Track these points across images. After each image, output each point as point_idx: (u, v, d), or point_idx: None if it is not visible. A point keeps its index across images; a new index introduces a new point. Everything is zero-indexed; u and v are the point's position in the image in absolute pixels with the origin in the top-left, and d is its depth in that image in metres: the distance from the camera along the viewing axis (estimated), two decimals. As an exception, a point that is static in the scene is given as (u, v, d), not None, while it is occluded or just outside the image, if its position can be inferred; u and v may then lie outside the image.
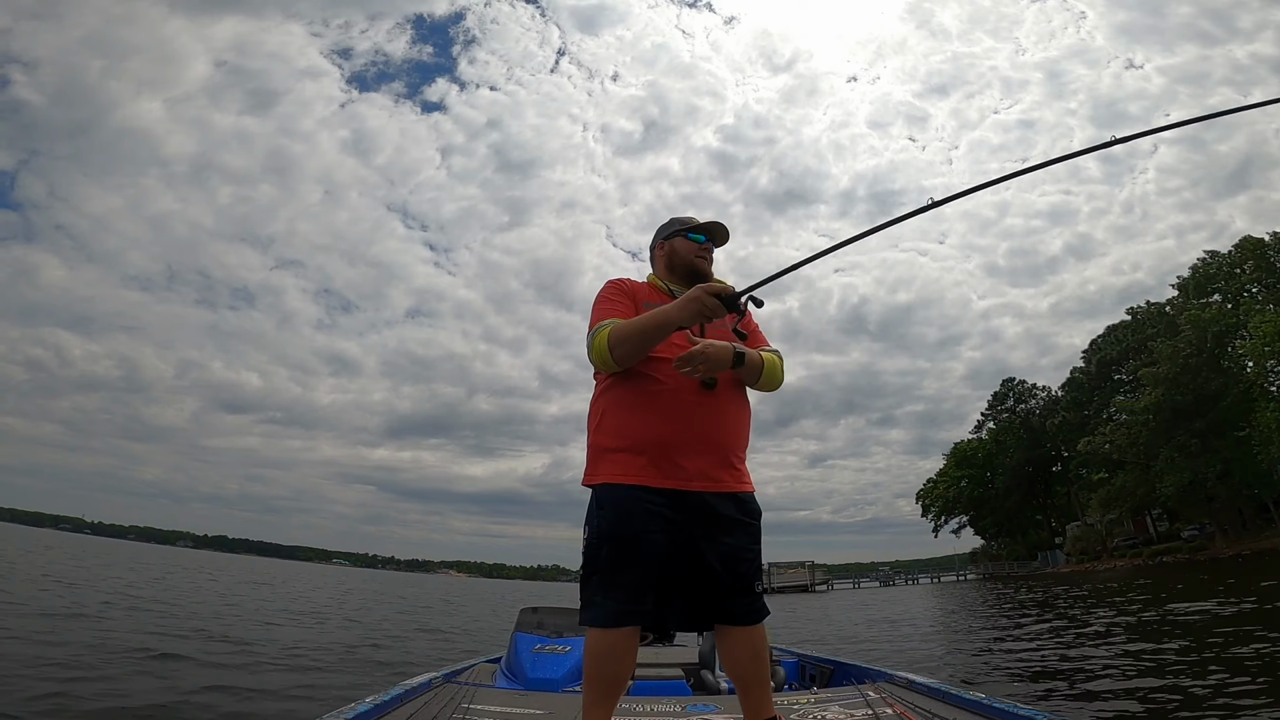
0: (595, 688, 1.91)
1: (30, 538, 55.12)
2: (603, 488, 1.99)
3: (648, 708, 2.87)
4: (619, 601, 1.89)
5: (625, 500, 1.94)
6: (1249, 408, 30.29)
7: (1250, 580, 15.18)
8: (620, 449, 1.99)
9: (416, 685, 3.02)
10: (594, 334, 2.02)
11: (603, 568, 1.92)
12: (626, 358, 1.99)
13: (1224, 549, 33.10)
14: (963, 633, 12.45)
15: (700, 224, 2.29)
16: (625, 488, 1.95)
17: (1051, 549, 54.30)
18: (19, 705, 4.23)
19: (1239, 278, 36.77)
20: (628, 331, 1.97)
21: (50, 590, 12.22)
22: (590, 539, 1.97)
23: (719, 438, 2.03)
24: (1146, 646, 7.47)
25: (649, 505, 1.92)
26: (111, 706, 4.53)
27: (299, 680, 6.10)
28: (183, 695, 4.98)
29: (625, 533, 1.91)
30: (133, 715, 4.44)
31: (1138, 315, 46.93)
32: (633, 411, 2.01)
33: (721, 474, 2.01)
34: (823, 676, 4.23)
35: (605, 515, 1.95)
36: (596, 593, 1.92)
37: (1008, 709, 2.33)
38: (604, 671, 1.90)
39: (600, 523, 1.96)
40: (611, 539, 1.92)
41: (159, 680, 5.42)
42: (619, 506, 1.94)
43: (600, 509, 1.97)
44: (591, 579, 1.94)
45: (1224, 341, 33.42)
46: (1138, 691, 5.23)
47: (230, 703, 4.97)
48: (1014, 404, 61.46)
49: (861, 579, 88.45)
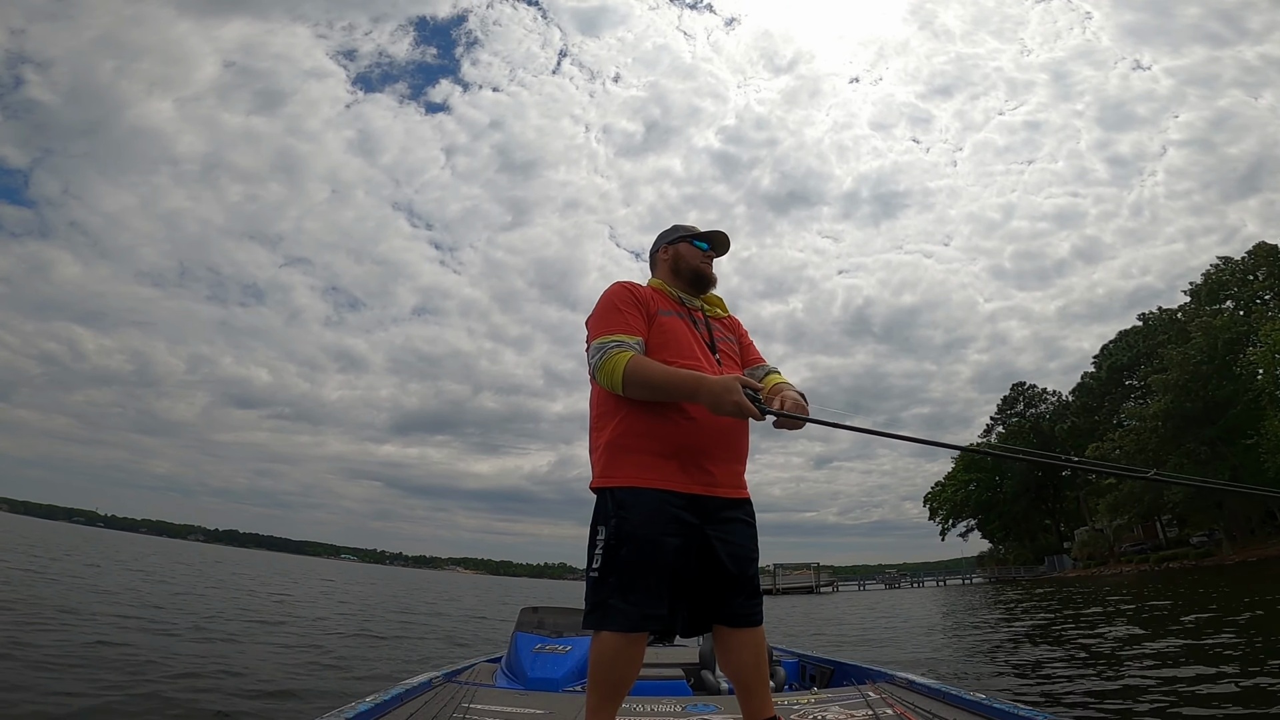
0: (602, 691, 1.86)
1: (56, 532, 55.45)
2: (625, 490, 1.92)
3: (648, 708, 2.87)
4: (638, 605, 1.83)
5: (651, 503, 1.89)
6: (1259, 416, 30.01)
7: (1248, 588, 15.15)
8: (646, 450, 1.94)
9: (416, 685, 3.01)
10: (608, 355, 1.93)
11: (621, 571, 1.86)
12: (637, 396, 1.94)
13: (1231, 555, 32.82)
14: (964, 634, 12.45)
15: (704, 232, 2.29)
16: (650, 491, 1.90)
17: (1059, 553, 53.97)
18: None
19: (1252, 284, 36.45)
20: (650, 380, 1.90)
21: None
22: (609, 540, 1.89)
23: (741, 446, 2.06)
24: (1146, 647, 7.49)
25: (673, 509, 1.89)
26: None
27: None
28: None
29: (648, 536, 1.86)
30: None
31: (1149, 321, 46.60)
32: (664, 413, 1.95)
33: (740, 480, 2.05)
34: (823, 677, 4.22)
35: (628, 518, 1.88)
36: (613, 595, 1.85)
37: (1008, 709, 2.33)
38: (614, 676, 1.86)
39: (621, 525, 1.88)
40: (633, 542, 1.86)
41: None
42: (643, 509, 1.88)
43: (621, 510, 1.90)
44: (607, 581, 1.87)
45: (1235, 349, 33.07)
46: (1138, 691, 5.28)
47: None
48: (1024, 408, 61.16)
49: (867, 581, 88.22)
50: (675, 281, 2.25)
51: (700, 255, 2.26)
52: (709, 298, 2.30)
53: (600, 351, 1.96)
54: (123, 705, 4.48)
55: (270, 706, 4.94)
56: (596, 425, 2.06)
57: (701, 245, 2.27)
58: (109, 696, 4.60)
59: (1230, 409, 32.61)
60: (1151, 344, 42.56)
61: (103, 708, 4.36)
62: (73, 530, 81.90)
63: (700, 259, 2.25)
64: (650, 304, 2.09)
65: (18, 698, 4.26)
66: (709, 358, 2.09)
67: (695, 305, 2.24)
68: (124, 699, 4.60)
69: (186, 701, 4.75)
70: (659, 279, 2.28)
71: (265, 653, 7.26)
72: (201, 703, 4.78)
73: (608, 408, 2.02)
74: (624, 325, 2.01)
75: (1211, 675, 5.59)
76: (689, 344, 2.07)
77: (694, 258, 2.25)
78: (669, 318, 2.10)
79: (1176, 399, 34.29)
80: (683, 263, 2.25)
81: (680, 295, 2.21)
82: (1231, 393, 32.47)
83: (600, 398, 2.06)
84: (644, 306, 2.07)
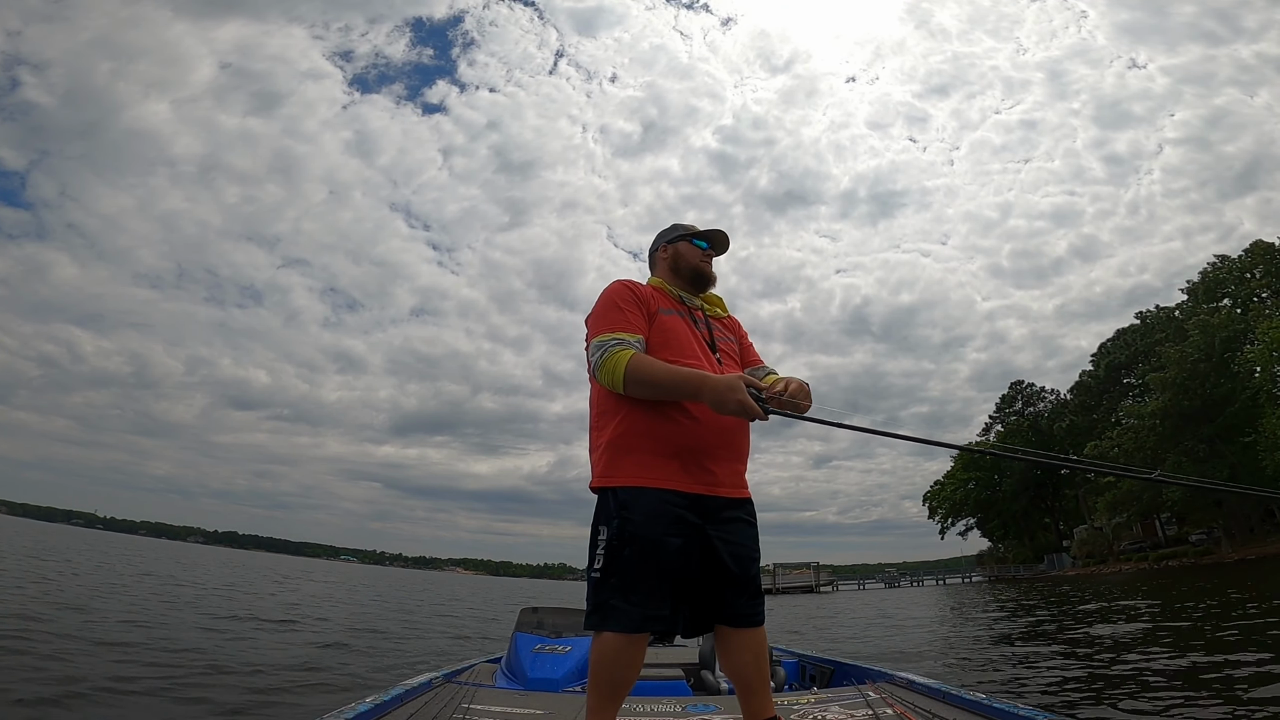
0: (602, 692, 1.85)
1: (51, 534, 55.41)
2: (627, 490, 1.90)
3: (648, 708, 2.87)
4: (640, 606, 1.82)
5: (654, 504, 1.88)
6: (1256, 413, 30.10)
7: (1245, 586, 15.18)
8: (648, 450, 1.92)
9: (416, 685, 3.02)
10: (609, 353, 1.91)
11: (624, 571, 1.84)
12: (639, 394, 1.92)
13: (1230, 553, 32.94)
14: (963, 633, 12.47)
15: (703, 231, 2.28)
16: (653, 491, 1.89)
17: (1058, 552, 54.07)
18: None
19: (1249, 282, 36.56)
20: (653, 378, 1.88)
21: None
22: (610, 540, 1.87)
23: (742, 445, 2.05)
24: (1146, 645, 7.47)
25: (675, 509, 1.88)
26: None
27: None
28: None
29: (651, 536, 1.85)
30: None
31: (1146, 320, 46.70)
32: (665, 413, 1.93)
33: (741, 479, 2.05)
34: (823, 677, 4.22)
35: (630, 518, 1.86)
36: (615, 596, 1.83)
37: (1008, 709, 2.33)
38: (614, 677, 1.85)
39: (623, 525, 1.86)
40: (636, 542, 1.85)
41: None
42: (646, 510, 1.87)
43: (624, 510, 1.88)
44: (609, 582, 1.85)
45: (1233, 347, 33.21)
46: (1138, 692, 5.27)
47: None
48: (1022, 406, 61.35)
49: (867, 580, 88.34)
50: (675, 280, 2.24)
51: (700, 254, 2.25)
52: (709, 297, 2.29)
53: (601, 349, 1.94)
54: (122, 704, 4.48)
55: (270, 706, 4.94)
56: (597, 425, 2.04)
57: (701, 244, 2.26)
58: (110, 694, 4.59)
59: (1228, 407, 32.74)
60: (1149, 342, 42.61)
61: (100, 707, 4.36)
62: (73, 533, 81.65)
63: (700, 258, 2.24)
64: (651, 302, 2.08)
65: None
66: (709, 357, 2.08)
67: (695, 304, 2.23)
68: (124, 698, 4.59)
69: (187, 701, 4.75)
70: (658, 278, 2.26)
71: (266, 652, 7.26)
72: (202, 702, 4.78)
73: (608, 407, 2.00)
74: (625, 323, 1.99)
75: (1211, 675, 5.60)
76: (690, 343, 2.06)
77: (693, 256, 2.24)
78: (669, 316, 2.09)
79: (1174, 397, 34.38)
80: (682, 261, 2.24)
81: (680, 294, 2.20)
82: (1229, 390, 32.59)
83: (600, 397, 2.04)
84: (645, 305, 2.06)
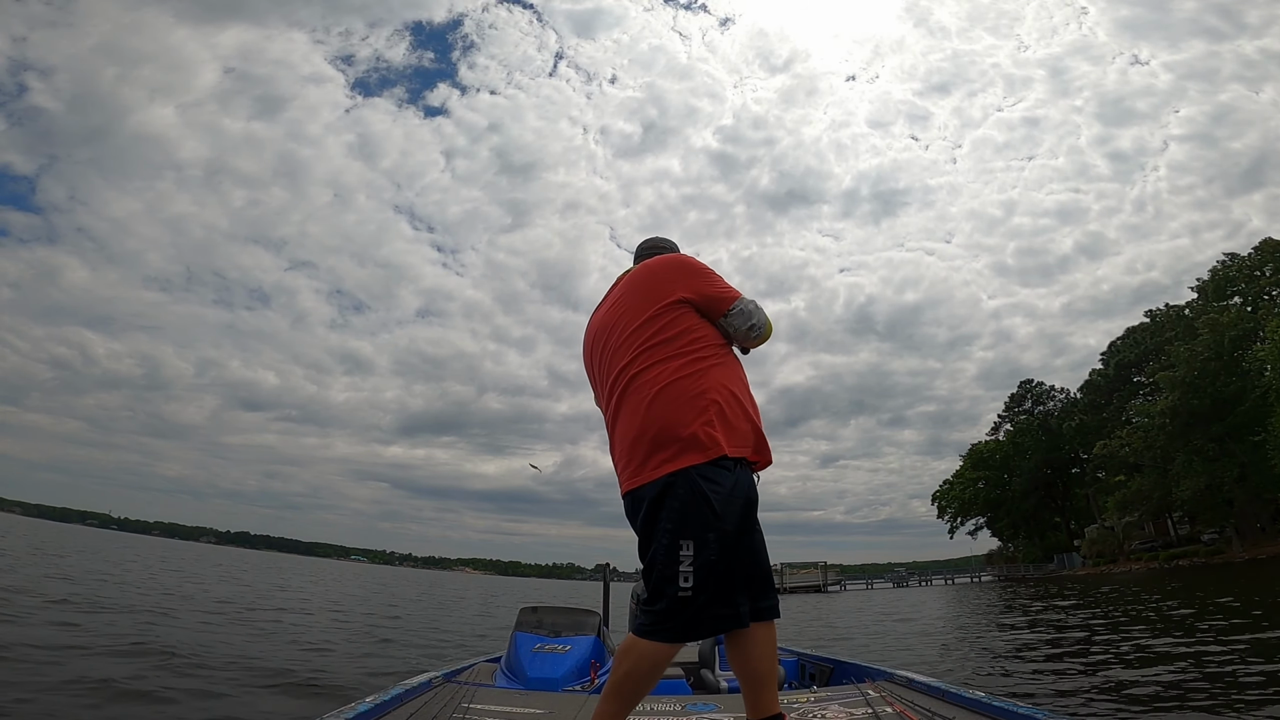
0: (626, 699, 1.73)
1: (82, 537, 55.71)
2: (730, 460, 1.75)
3: (648, 707, 2.86)
4: (733, 606, 1.72)
5: (748, 481, 1.81)
6: (1266, 412, 29.90)
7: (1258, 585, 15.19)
8: (737, 425, 1.82)
9: (416, 685, 3.01)
10: (764, 315, 1.99)
11: (719, 580, 1.70)
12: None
13: (1241, 553, 32.71)
14: (966, 632, 12.53)
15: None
16: (747, 466, 1.83)
17: (1069, 551, 53.79)
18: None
19: (1259, 280, 36.30)
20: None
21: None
22: (704, 553, 1.68)
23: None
24: (1147, 645, 7.58)
25: (754, 493, 1.84)
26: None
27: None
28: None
29: (749, 517, 1.78)
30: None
31: (1156, 318, 46.45)
32: (743, 388, 1.92)
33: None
34: (822, 675, 4.21)
35: (735, 496, 1.74)
36: (709, 607, 1.69)
37: (1008, 708, 2.33)
38: (643, 687, 1.75)
39: (726, 506, 1.72)
40: (738, 526, 1.75)
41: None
42: (747, 487, 1.80)
43: (732, 487, 1.74)
44: (699, 600, 1.68)
45: (1243, 345, 32.99)
46: (1138, 691, 5.34)
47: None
48: (1032, 405, 60.94)
49: (875, 580, 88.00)
50: None
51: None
52: None
53: (764, 316, 2.00)
54: (120, 704, 4.50)
55: (270, 706, 4.96)
56: (668, 395, 1.79)
57: None
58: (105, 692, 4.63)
59: (1238, 405, 32.52)
60: (1159, 341, 42.39)
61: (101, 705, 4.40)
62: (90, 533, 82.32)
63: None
64: None
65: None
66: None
67: None
68: (120, 696, 4.64)
69: (187, 701, 4.78)
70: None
71: (266, 653, 7.27)
72: (202, 702, 4.81)
73: (703, 367, 1.84)
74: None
75: (1212, 675, 5.63)
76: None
77: None
78: None
79: (1184, 396, 34.18)
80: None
81: None
82: (1239, 389, 32.38)
83: (690, 361, 1.84)
84: None
